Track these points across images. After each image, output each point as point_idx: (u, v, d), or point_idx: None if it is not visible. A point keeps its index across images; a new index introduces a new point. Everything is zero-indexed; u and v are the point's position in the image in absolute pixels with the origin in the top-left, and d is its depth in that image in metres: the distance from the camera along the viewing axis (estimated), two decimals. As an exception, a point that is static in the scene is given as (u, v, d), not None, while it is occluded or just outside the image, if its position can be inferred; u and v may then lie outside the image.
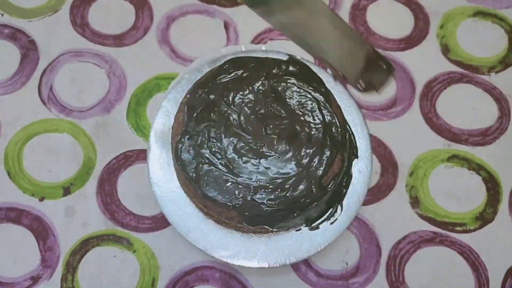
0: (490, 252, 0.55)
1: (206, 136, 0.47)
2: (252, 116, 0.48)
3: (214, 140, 0.46)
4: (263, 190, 0.45)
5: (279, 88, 0.49)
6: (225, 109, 0.48)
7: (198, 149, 0.46)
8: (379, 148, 0.58)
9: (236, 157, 0.46)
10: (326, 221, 0.49)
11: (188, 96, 0.49)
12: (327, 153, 0.46)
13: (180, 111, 0.49)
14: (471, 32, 0.65)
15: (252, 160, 0.46)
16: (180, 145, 0.47)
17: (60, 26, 0.64)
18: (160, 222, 0.55)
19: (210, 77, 0.50)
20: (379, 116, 0.60)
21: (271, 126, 0.47)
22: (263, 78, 0.49)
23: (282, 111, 0.48)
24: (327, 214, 0.49)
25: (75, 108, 0.60)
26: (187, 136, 0.47)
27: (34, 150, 0.58)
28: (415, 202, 0.56)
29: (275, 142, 0.46)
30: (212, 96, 0.48)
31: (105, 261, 0.53)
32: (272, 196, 0.45)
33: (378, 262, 0.54)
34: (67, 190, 0.56)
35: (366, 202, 0.56)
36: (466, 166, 0.58)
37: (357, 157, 0.50)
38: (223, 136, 0.47)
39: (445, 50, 0.64)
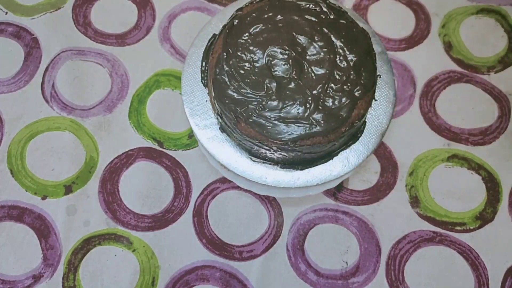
0: (490, 251, 0.55)
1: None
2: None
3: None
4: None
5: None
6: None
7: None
8: (379, 148, 0.58)
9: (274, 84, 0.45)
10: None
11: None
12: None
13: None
14: (473, 30, 0.65)
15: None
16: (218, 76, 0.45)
17: (62, 23, 0.64)
18: (160, 221, 0.55)
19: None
20: (379, 115, 0.60)
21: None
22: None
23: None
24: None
25: (77, 107, 0.60)
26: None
27: (37, 148, 0.58)
28: (415, 201, 0.57)
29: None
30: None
31: (106, 260, 0.54)
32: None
33: (378, 261, 0.54)
34: (69, 189, 0.56)
35: (366, 202, 0.56)
36: (466, 166, 0.58)
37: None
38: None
39: (448, 47, 0.64)
